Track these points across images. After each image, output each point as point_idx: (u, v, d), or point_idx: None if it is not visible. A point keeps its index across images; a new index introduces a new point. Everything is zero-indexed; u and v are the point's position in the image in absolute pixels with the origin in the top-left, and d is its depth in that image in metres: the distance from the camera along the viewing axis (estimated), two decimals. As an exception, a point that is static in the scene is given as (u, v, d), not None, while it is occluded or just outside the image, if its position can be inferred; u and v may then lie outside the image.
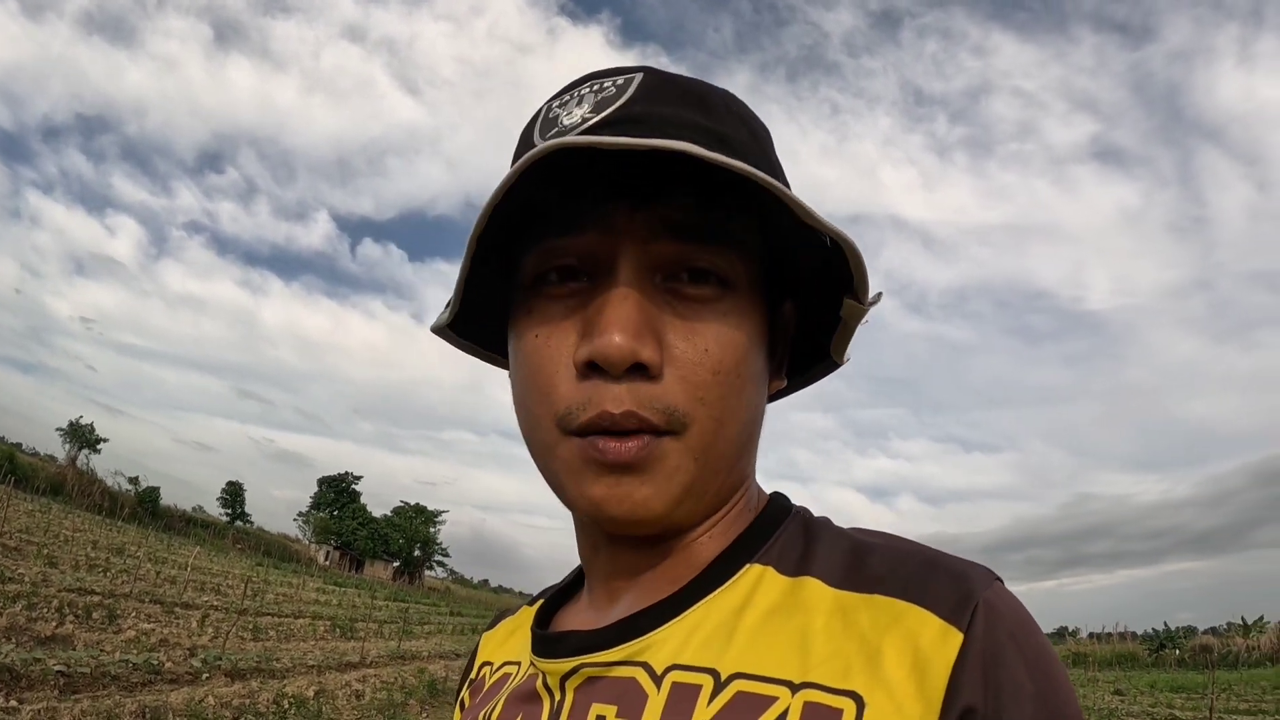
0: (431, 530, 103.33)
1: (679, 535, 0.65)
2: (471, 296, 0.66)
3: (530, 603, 0.85)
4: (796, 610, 0.59)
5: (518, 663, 0.74)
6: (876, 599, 0.57)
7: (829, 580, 0.60)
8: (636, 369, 0.58)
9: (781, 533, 0.66)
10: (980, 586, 0.55)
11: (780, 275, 0.67)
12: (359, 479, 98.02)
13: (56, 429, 69.09)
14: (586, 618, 0.70)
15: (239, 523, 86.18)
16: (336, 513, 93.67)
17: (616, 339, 0.56)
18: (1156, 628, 46.54)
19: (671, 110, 0.61)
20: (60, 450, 67.35)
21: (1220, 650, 40.59)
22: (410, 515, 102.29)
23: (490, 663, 0.81)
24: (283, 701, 9.72)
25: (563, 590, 0.79)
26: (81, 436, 68.17)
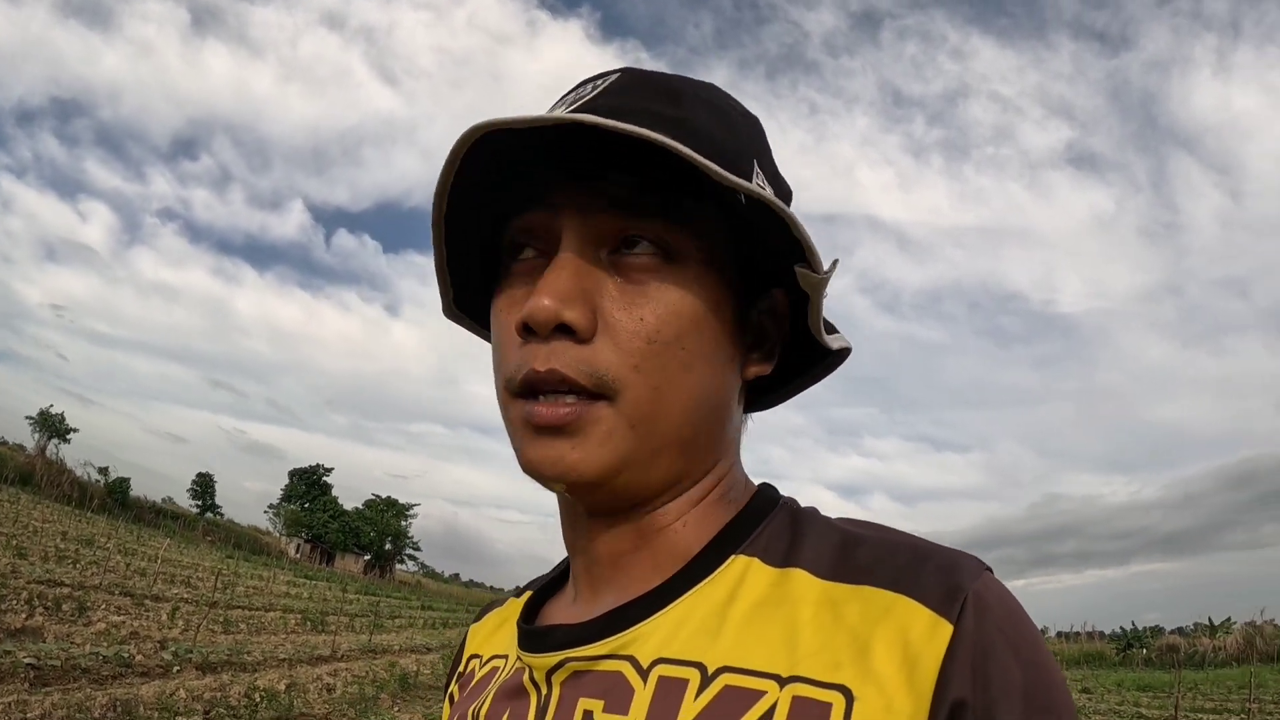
0: (403, 524, 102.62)
1: (648, 516, 0.66)
2: (473, 282, 0.71)
3: (517, 594, 0.85)
4: (784, 602, 0.59)
5: (505, 656, 0.75)
6: (866, 590, 0.57)
7: (817, 572, 0.60)
8: (564, 330, 0.60)
9: (768, 524, 0.66)
10: (969, 578, 0.56)
11: (765, 261, 0.66)
12: (330, 471, 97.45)
13: (26, 418, 67.72)
14: (572, 611, 0.70)
15: (209, 515, 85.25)
16: (307, 505, 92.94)
17: (544, 301, 0.59)
18: (1124, 627, 46.73)
19: (634, 101, 0.63)
20: (29, 439, 66.30)
21: (1186, 650, 40.82)
22: (381, 508, 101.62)
23: (479, 655, 0.81)
24: (254, 695, 9.69)
25: (550, 583, 0.79)
26: (51, 426, 67.14)
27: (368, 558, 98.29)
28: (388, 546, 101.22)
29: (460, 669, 0.84)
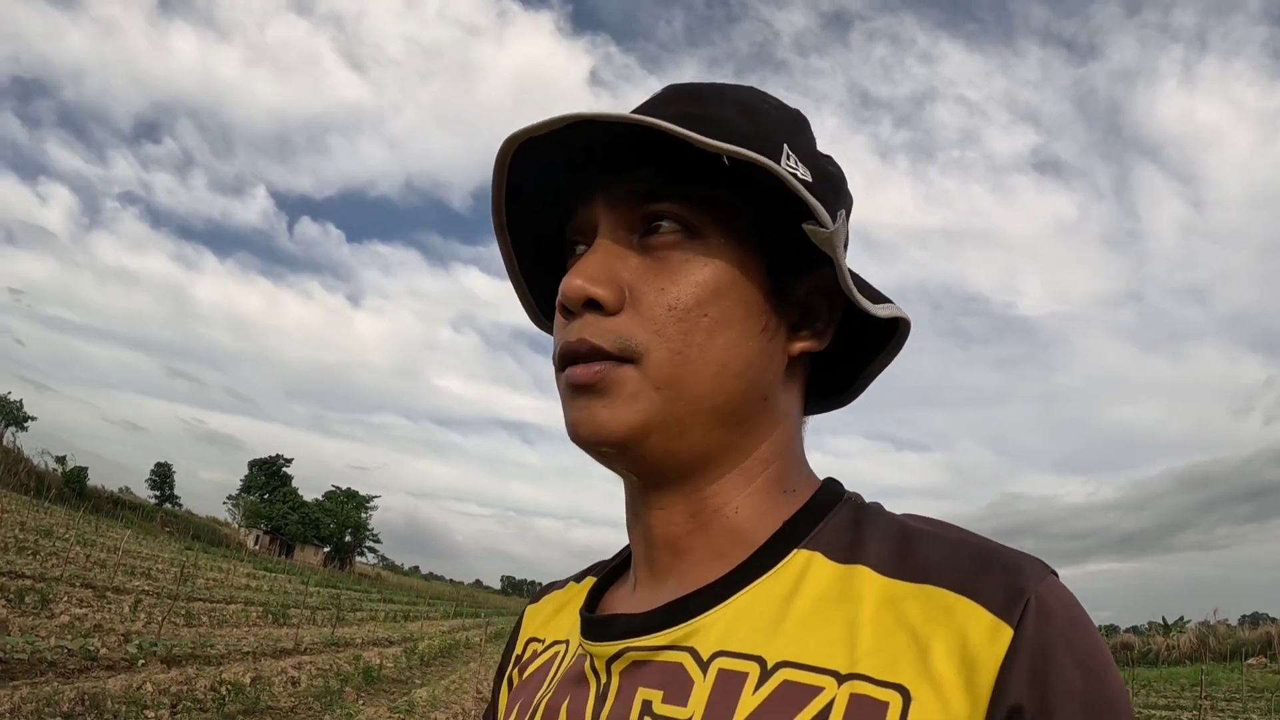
0: (363, 516, 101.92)
1: (698, 494, 0.67)
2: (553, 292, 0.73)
3: (577, 579, 0.85)
4: (846, 599, 0.59)
5: (566, 642, 0.76)
6: (927, 589, 0.57)
7: (879, 568, 0.60)
8: (594, 306, 0.64)
9: (831, 518, 0.66)
10: (1033, 581, 0.55)
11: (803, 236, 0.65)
12: (290, 462, 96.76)
13: (-19, 405, 66.91)
14: (633, 600, 0.71)
15: (168, 505, 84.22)
16: (267, 496, 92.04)
17: (575, 281, 0.63)
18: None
19: (659, 104, 0.68)
20: (-16, 427, 65.37)
21: (1141, 648, 41.69)
22: (342, 500, 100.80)
23: (538, 639, 0.82)
24: (220, 688, 9.73)
25: (612, 571, 0.79)
26: (9, 413, 66.10)
27: (327, 550, 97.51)
28: (348, 539, 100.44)
29: (518, 651, 0.85)
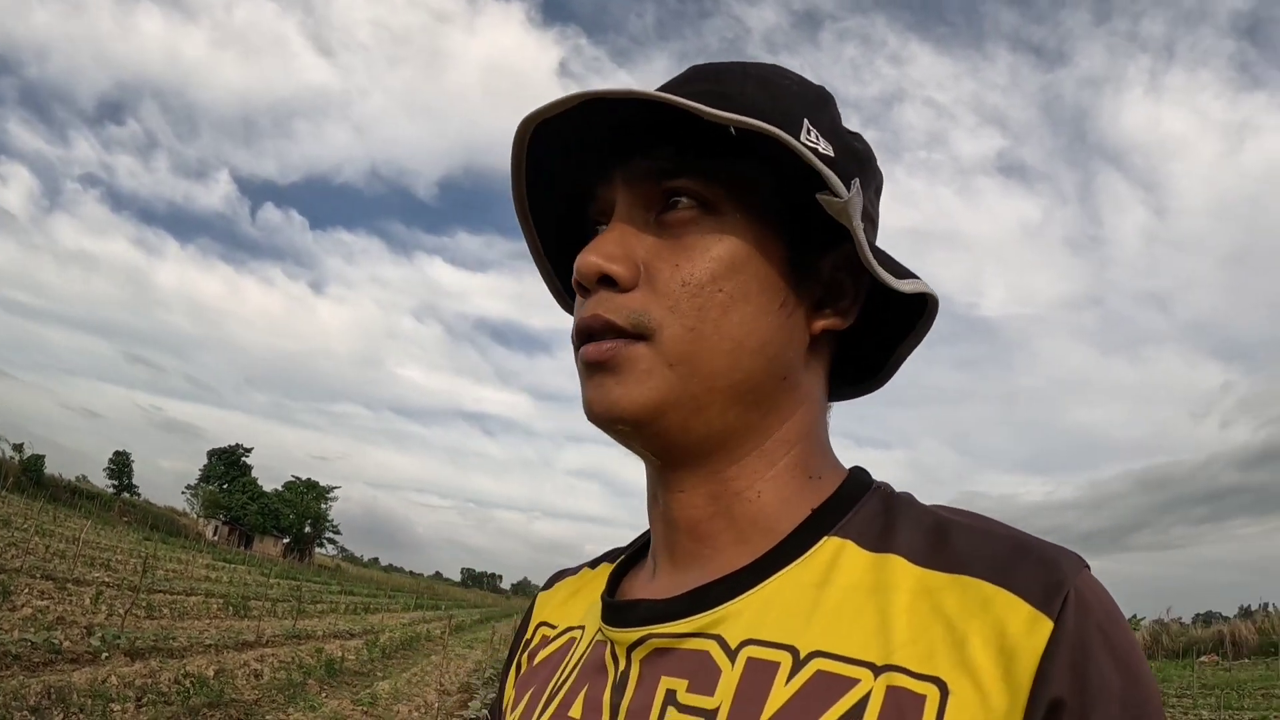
0: (323, 506, 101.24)
1: (718, 476, 0.66)
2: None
3: (592, 564, 0.84)
4: (880, 588, 0.57)
5: (581, 628, 0.74)
6: (963, 580, 0.55)
7: (913, 558, 0.58)
8: (608, 282, 0.63)
9: (861, 506, 0.64)
10: (1071, 574, 0.54)
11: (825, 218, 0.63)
12: (250, 451, 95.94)
13: (-68, 390, 65.61)
14: (656, 585, 0.69)
15: (126, 494, 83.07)
16: (226, 486, 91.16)
17: (590, 258, 0.63)
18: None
19: (678, 83, 0.68)
20: (-64, 413, 64.14)
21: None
22: (302, 490, 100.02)
23: (549, 624, 0.81)
24: (184, 681, 9.75)
25: (629, 557, 0.78)
26: (-39, 400, 64.98)
27: (287, 541, 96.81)
28: (307, 529, 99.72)
29: (527, 636, 0.83)
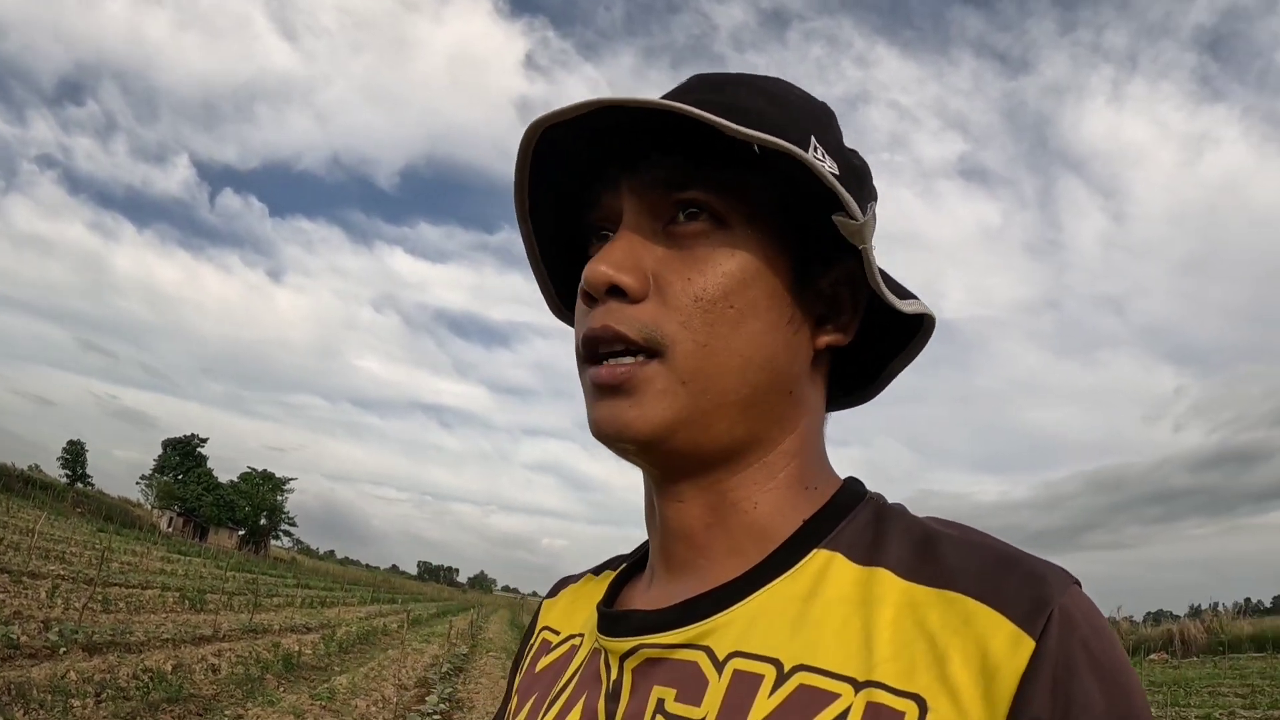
0: (279, 498, 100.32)
1: (717, 487, 0.66)
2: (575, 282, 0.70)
3: (595, 571, 0.84)
4: (866, 602, 0.57)
5: (582, 635, 0.75)
6: (947, 595, 0.55)
7: (900, 572, 0.58)
8: (617, 293, 0.63)
9: (853, 518, 0.64)
10: (1056, 591, 0.53)
11: (830, 227, 0.63)
12: (205, 442, 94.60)
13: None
14: (649, 595, 0.69)
15: (79, 485, 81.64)
16: (181, 477, 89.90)
17: (599, 267, 0.62)
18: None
19: (682, 92, 0.67)
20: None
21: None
22: (257, 482, 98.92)
23: (552, 629, 0.81)
24: (143, 676, 9.76)
25: (630, 566, 0.78)
26: (-93, 388, 63.70)
27: (242, 533, 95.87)
28: (263, 522, 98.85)
29: (531, 640, 0.84)
